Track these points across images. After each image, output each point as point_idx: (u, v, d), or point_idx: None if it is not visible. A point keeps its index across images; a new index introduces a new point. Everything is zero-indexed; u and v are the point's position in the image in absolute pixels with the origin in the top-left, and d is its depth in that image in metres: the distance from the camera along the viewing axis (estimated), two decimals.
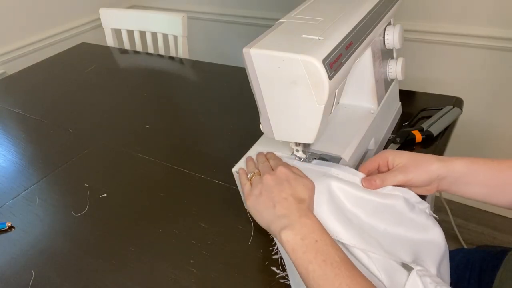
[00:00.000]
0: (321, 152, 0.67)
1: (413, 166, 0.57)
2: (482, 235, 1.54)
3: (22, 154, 0.96)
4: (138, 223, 0.73)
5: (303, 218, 0.51)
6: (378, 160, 0.60)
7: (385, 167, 0.60)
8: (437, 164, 0.56)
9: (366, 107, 0.75)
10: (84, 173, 0.87)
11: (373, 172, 0.60)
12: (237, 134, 0.93)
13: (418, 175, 0.56)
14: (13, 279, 0.65)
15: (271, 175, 0.57)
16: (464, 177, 0.56)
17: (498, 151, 1.53)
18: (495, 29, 1.32)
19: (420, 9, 1.42)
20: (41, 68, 1.41)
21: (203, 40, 2.11)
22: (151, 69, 1.34)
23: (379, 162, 0.60)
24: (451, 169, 0.56)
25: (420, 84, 1.48)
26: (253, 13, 1.83)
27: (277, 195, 0.54)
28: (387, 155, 0.59)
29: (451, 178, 0.56)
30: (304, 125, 0.58)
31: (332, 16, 0.59)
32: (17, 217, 0.77)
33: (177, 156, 0.89)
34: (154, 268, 0.64)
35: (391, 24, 0.74)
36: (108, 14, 1.58)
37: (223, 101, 1.09)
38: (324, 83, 0.51)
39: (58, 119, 1.07)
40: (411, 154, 0.59)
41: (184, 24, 1.44)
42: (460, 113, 0.86)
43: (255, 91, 0.58)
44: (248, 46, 0.54)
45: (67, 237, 0.72)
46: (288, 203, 0.53)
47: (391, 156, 0.59)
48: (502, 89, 1.41)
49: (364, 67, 0.71)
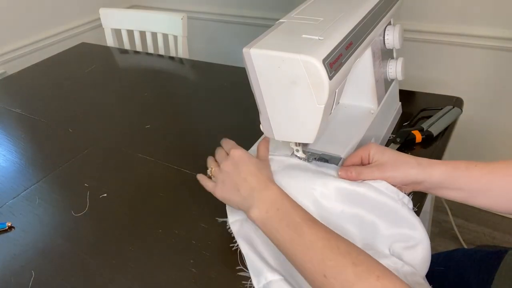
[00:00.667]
0: (321, 152, 0.67)
1: (392, 165, 0.57)
2: (482, 235, 1.54)
3: (22, 154, 0.96)
4: (138, 223, 0.73)
5: (264, 192, 0.55)
6: (361, 154, 0.61)
7: (366, 160, 0.61)
8: (417, 169, 0.56)
9: (366, 107, 0.75)
10: (84, 173, 0.87)
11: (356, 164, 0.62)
12: (237, 134, 0.93)
13: (395, 176, 0.57)
14: (13, 279, 0.65)
15: (227, 161, 0.60)
16: (442, 183, 0.56)
17: (498, 151, 1.53)
18: (495, 29, 1.32)
19: (420, 9, 1.42)
20: (41, 68, 1.41)
21: (203, 40, 2.11)
22: (151, 69, 1.34)
23: (362, 155, 0.61)
24: (429, 176, 0.56)
25: (420, 84, 1.48)
26: (253, 13, 1.83)
27: (237, 177, 0.57)
28: (370, 149, 0.60)
29: (428, 183, 0.57)
30: (304, 125, 0.58)
31: (332, 16, 0.59)
32: (17, 217, 0.77)
33: (177, 156, 0.88)
34: (154, 268, 0.64)
35: (391, 24, 0.74)
36: (108, 14, 1.58)
37: (223, 101, 1.09)
38: (324, 83, 0.51)
39: (58, 119, 1.07)
40: (393, 153, 0.59)
41: (184, 24, 1.44)
42: (460, 113, 0.86)
43: (255, 91, 0.58)
44: (248, 46, 0.54)
45: (67, 237, 0.72)
46: (248, 182, 0.56)
47: (373, 150, 0.60)
48: (502, 89, 1.41)
49: (364, 67, 0.71)
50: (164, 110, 1.08)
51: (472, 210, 1.62)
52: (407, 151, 0.79)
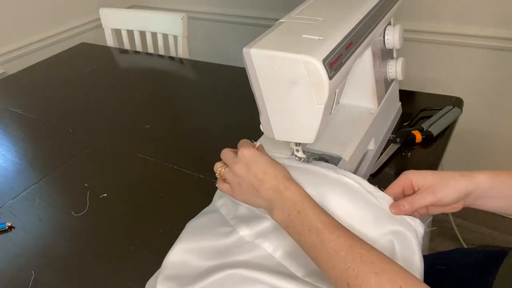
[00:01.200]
0: (321, 152, 0.67)
1: (440, 185, 0.55)
2: (482, 235, 1.54)
3: (22, 154, 0.96)
4: (138, 223, 0.73)
5: (284, 193, 0.53)
6: (402, 183, 0.58)
7: (410, 189, 0.58)
8: (464, 181, 0.55)
9: (366, 107, 0.75)
10: (84, 173, 0.87)
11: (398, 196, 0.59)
12: (237, 134, 0.93)
13: (448, 194, 0.55)
14: (13, 279, 0.65)
15: (236, 163, 0.57)
16: (488, 191, 0.55)
17: (498, 151, 1.53)
18: (495, 29, 1.32)
19: (420, 9, 1.42)
20: (41, 68, 1.41)
21: (203, 40, 2.11)
22: (151, 69, 1.34)
23: (403, 185, 0.58)
24: (476, 184, 0.55)
25: (420, 84, 1.48)
26: (253, 13, 1.83)
27: (253, 179, 0.55)
28: (410, 177, 0.58)
29: (476, 193, 0.56)
30: (304, 125, 0.58)
31: (332, 16, 0.59)
32: (17, 217, 0.77)
33: (177, 156, 0.88)
34: (154, 268, 0.63)
35: (391, 24, 0.74)
36: (108, 14, 1.58)
37: (223, 101, 1.09)
38: (324, 83, 0.51)
39: (58, 119, 1.07)
40: (434, 173, 0.57)
41: (184, 24, 1.44)
42: (460, 113, 0.86)
43: (255, 91, 0.58)
44: (248, 46, 0.54)
45: (67, 237, 0.72)
46: (265, 183, 0.54)
47: (415, 177, 0.57)
48: (502, 89, 1.41)
49: (364, 67, 0.71)
50: (164, 110, 1.08)
51: (472, 210, 1.62)
52: (407, 151, 0.79)
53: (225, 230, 0.62)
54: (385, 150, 0.79)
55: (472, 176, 0.55)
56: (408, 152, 0.79)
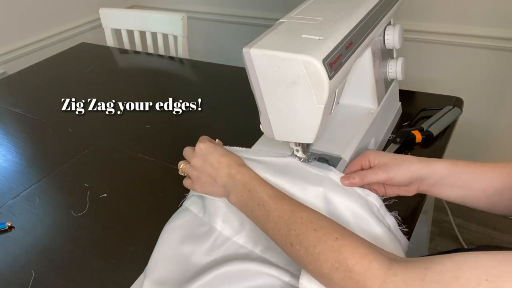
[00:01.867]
0: (321, 152, 0.67)
1: (394, 164, 0.58)
2: (482, 235, 1.54)
3: (22, 154, 0.96)
4: (138, 223, 0.73)
5: (236, 176, 0.58)
6: (360, 161, 0.62)
7: (367, 166, 0.61)
8: (419, 165, 0.57)
9: (366, 107, 0.75)
10: (84, 173, 0.87)
11: None
12: (237, 134, 0.93)
13: (399, 174, 0.57)
14: (13, 279, 0.65)
15: (194, 156, 0.63)
16: (445, 178, 0.56)
17: (498, 151, 1.53)
18: (495, 29, 1.32)
19: (420, 9, 1.42)
20: (41, 68, 1.41)
21: (203, 40, 2.11)
22: (151, 69, 1.34)
23: (361, 162, 0.62)
24: (432, 170, 0.57)
25: (420, 84, 1.48)
26: (253, 13, 1.83)
27: (210, 169, 0.60)
28: (368, 155, 0.61)
29: (431, 179, 0.57)
30: (304, 125, 0.58)
31: (332, 16, 0.59)
32: (17, 217, 0.77)
33: (177, 156, 0.88)
34: None
35: (391, 24, 0.74)
36: (108, 14, 1.58)
37: (223, 101, 1.09)
38: (324, 83, 0.51)
39: (58, 119, 1.07)
40: (393, 154, 0.61)
41: (184, 24, 1.44)
42: (460, 113, 0.86)
43: (255, 91, 0.58)
44: (248, 46, 0.54)
45: (67, 237, 0.72)
46: (220, 171, 0.59)
47: (372, 155, 0.61)
48: (502, 89, 1.41)
49: (364, 67, 0.71)
50: (164, 110, 1.08)
51: (472, 210, 1.63)
52: (407, 151, 0.79)
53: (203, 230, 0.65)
54: (385, 150, 0.79)
55: (430, 162, 0.57)
56: (408, 152, 0.79)
